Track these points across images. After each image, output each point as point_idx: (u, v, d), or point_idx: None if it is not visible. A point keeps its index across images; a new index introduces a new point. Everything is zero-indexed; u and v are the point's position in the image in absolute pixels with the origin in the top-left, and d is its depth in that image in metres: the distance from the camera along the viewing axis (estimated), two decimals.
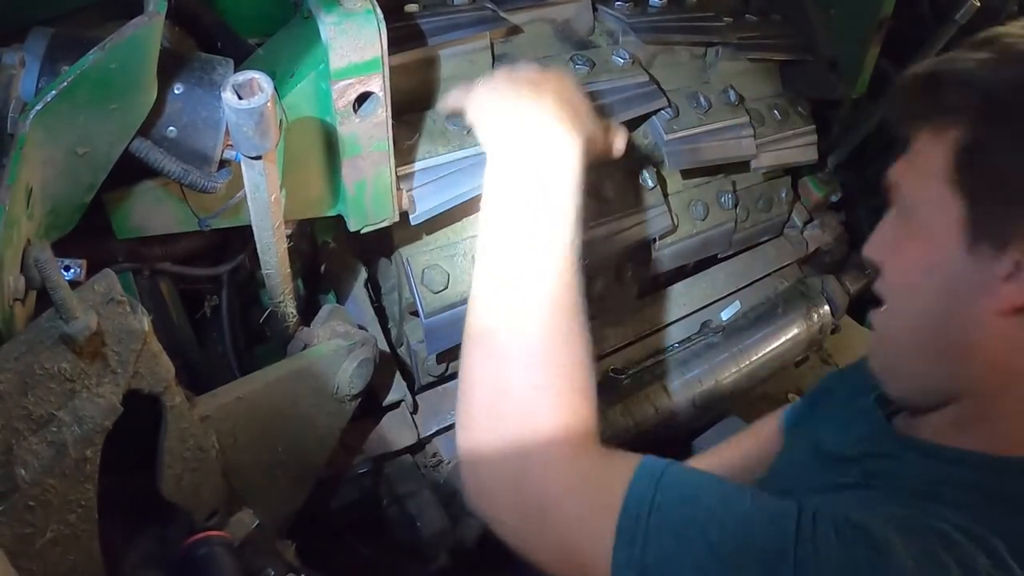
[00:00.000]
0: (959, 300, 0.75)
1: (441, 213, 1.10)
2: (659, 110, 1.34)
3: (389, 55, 0.90)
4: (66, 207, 0.82)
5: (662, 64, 1.41)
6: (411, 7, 1.16)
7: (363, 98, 0.91)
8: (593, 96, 1.23)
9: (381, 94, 0.92)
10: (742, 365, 1.61)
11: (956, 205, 0.74)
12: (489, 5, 1.23)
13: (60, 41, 0.80)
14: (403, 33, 1.07)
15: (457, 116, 1.07)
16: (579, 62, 1.26)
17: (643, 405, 1.47)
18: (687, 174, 1.46)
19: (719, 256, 1.61)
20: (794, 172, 1.75)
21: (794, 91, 1.65)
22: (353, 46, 0.87)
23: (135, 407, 0.76)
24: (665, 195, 1.38)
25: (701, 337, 1.60)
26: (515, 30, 1.25)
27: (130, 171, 0.85)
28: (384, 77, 0.91)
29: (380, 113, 0.93)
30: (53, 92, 0.72)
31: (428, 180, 1.08)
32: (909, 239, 0.79)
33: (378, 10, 0.88)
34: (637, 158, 1.36)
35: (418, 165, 1.08)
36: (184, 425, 0.83)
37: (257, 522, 0.95)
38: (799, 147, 1.61)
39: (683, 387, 1.52)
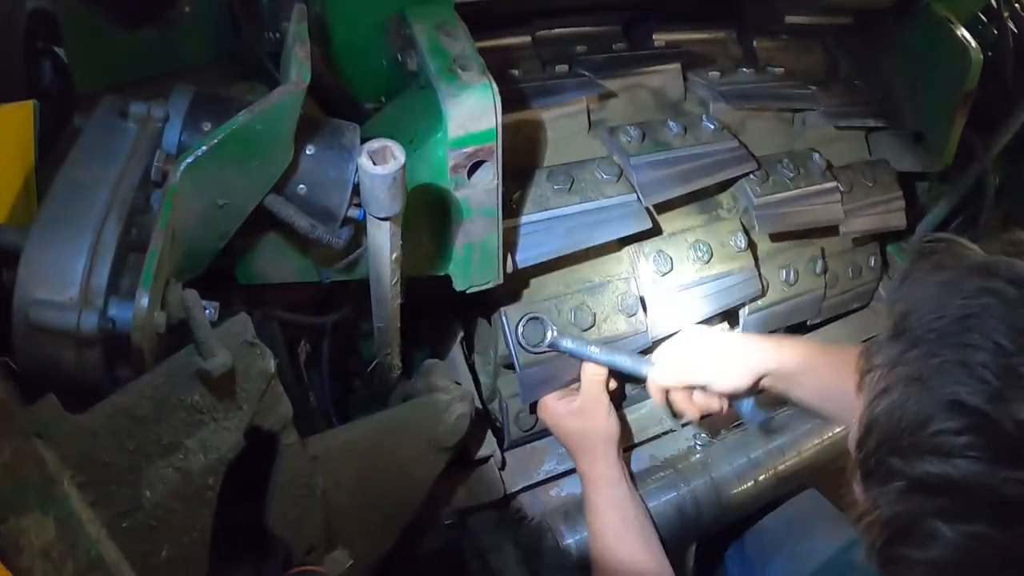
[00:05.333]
0: None
1: (537, 266, 1.13)
2: (748, 173, 1.36)
3: None
4: (200, 252, 0.89)
5: (752, 129, 1.43)
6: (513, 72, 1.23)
7: (476, 165, 0.95)
8: (686, 159, 1.27)
9: (493, 162, 0.96)
10: (824, 437, 1.56)
11: None
12: (585, 72, 1.29)
13: (201, 99, 0.88)
14: (506, 96, 1.13)
15: (557, 176, 1.16)
16: (672, 126, 1.30)
17: (728, 476, 1.44)
18: (776, 238, 1.46)
19: (807, 324, 1.59)
20: (882, 241, 1.73)
21: (881, 160, 1.64)
22: (470, 117, 0.91)
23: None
24: (756, 259, 1.38)
25: (786, 407, 1.57)
26: (610, 95, 1.30)
27: (257, 222, 0.92)
28: (497, 147, 0.95)
29: (491, 180, 0.97)
30: (204, 148, 0.79)
31: (527, 233, 1.13)
32: None
33: (494, 84, 0.93)
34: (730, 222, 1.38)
35: (522, 219, 1.12)
36: (296, 463, 0.87)
37: (351, 562, 0.97)
38: (887, 213, 1.60)
39: (767, 457, 1.49)
